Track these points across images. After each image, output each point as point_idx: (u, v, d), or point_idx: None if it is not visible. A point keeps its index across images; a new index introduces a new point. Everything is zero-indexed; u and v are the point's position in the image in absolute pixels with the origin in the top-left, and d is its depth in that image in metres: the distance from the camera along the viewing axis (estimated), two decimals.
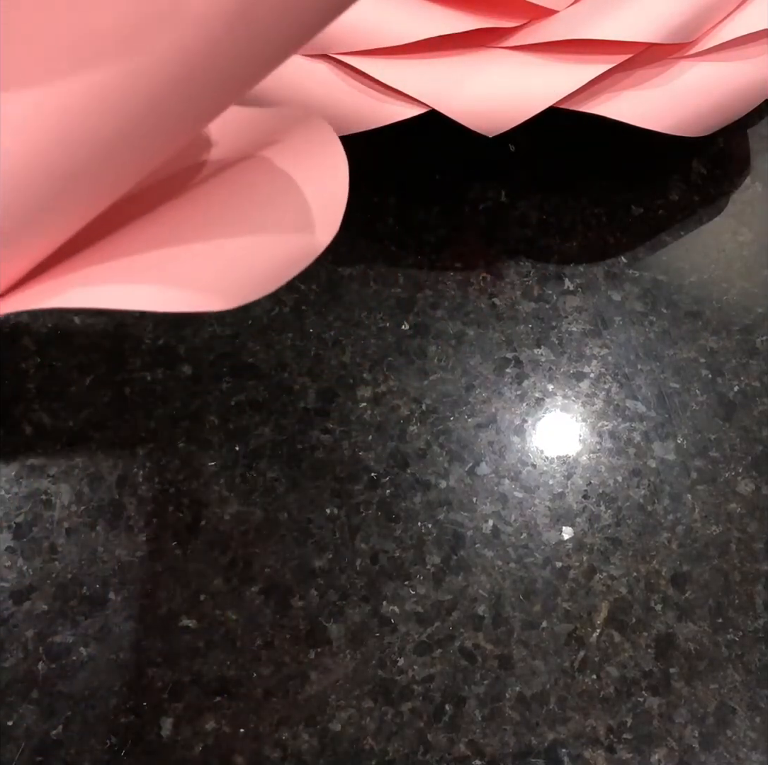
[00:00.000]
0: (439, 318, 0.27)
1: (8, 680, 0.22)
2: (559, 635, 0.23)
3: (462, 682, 0.23)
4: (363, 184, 0.29)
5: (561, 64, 0.24)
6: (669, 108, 0.25)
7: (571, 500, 0.25)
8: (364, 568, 0.24)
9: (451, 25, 0.24)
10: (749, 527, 0.24)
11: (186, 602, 0.23)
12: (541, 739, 0.22)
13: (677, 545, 0.24)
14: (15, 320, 0.27)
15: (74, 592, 0.23)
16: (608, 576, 0.24)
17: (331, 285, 0.27)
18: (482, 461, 0.25)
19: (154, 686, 0.22)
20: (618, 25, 0.24)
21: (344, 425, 0.25)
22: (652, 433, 0.26)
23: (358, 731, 0.22)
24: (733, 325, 0.27)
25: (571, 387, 0.26)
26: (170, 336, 0.27)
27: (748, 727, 0.22)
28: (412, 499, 0.25)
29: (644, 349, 0.27)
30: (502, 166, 0.29)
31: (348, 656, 0.23)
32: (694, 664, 0.23)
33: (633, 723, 0.22)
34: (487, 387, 0.26)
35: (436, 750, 0.22)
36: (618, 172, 0.29)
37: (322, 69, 0.25)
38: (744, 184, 0.29)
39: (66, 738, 0.22)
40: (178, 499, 0.24)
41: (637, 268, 0.28)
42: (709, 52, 0.25)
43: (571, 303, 0.27)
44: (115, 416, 0.25)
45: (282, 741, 0.22)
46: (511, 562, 0.24)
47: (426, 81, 0.24)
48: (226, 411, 0.26)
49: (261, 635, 0.23)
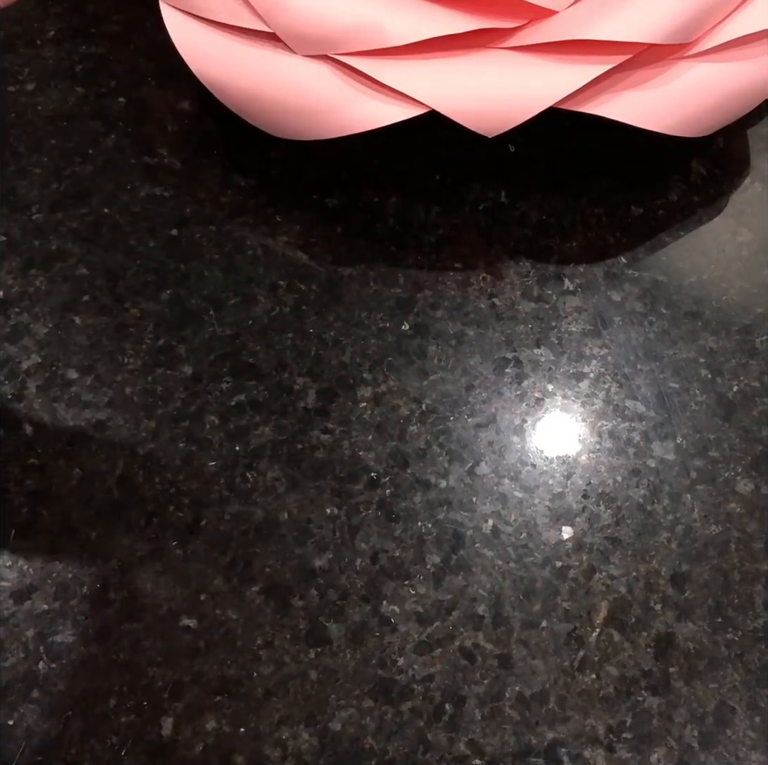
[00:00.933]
0: (439, 318, 0.27)
1: (9, 680, 0.22)
2: (558, 635, 0.23)
3: (462, 681, 0.23)
4: (363, 184, 0.29)
5: (561, 64, 0.24)
6: (669, 108, 0.25)
7: (570, 500, 0.25)
8: (364, 568, 0.24)
9: (452, 25, 0.24)
10: (748, 527, 0.24)
11: (186, 602, 0.23)
12: (540, 739, 0.22)
13: (677, 545, 0.24)
14: (15, 320, 0.27)
15: (74, 591, 0.23)
16: (608, 576, 0.24)
17: (331, 285, 0.27)
18: (482, 461, 0.25)
19: (155, 686, 0.22)
20: (618, 25, 0.24)
21: (344, 425, 0.25)
22: (651, 432, 0.26)
23: (358, 731, 0.22)
24: (733, 325, 0.27)
25: (571, 387, 0.26)
26: (170, 336, 0.27)
27: (748, 726, 0.22)
28: (412, 499, 0.25)
29: (644, 349, 0.27)
30: (502, 166, 0.29)
31: (348, 656, 0.23)
32: (694, 664, 0.23)
33: (632, 722, 0.22)
34: (487, 387, 0.26)
35: (436, 749, 0.22)
36: (618, 172, 0.29)
37: (322, 69, 0.25)
38: (744, 184, 0.29)
39: (66, 737, 0.22)
40: (178, 499, 0.24)
41: (636, 269, 0.28)
42: (709, 53, 0.25)
43: (570, 303, 0.27)
44: (115, 416, 0.25)
45: (282, 740, 0.22)
46: (511, 562, 0.24)
47: (426, 81, 0.24)
48: (226, 411, 0.26)
49: (261, 635, 0.23)
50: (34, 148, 0.29)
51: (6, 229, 0.28)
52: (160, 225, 0.28)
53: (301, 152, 0.29)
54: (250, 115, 0.27)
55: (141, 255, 0.28)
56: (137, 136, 0.30)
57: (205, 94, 0.26)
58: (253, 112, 0.26)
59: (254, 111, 0.26)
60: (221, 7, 0.25)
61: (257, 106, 0.26)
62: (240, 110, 0.27)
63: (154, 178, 0.29)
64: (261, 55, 0.25)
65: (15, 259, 0.28)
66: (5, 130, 0.30)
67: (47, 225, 0.28)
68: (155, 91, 0.30)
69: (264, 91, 0.25)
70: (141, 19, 0.32)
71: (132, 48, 0.31)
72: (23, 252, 0.28)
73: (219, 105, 0.26)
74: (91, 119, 0.30)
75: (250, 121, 0.27)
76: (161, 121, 0.30)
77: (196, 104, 0.30)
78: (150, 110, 0.30)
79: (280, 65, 0.25)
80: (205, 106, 0.30)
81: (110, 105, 0.30)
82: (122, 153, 0.29)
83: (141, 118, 0.30)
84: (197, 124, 0.30)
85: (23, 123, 0.30)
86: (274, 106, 0.26)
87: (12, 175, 0.29)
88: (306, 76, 0.25)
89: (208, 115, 0.30)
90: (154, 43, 0.31)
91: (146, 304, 0.27)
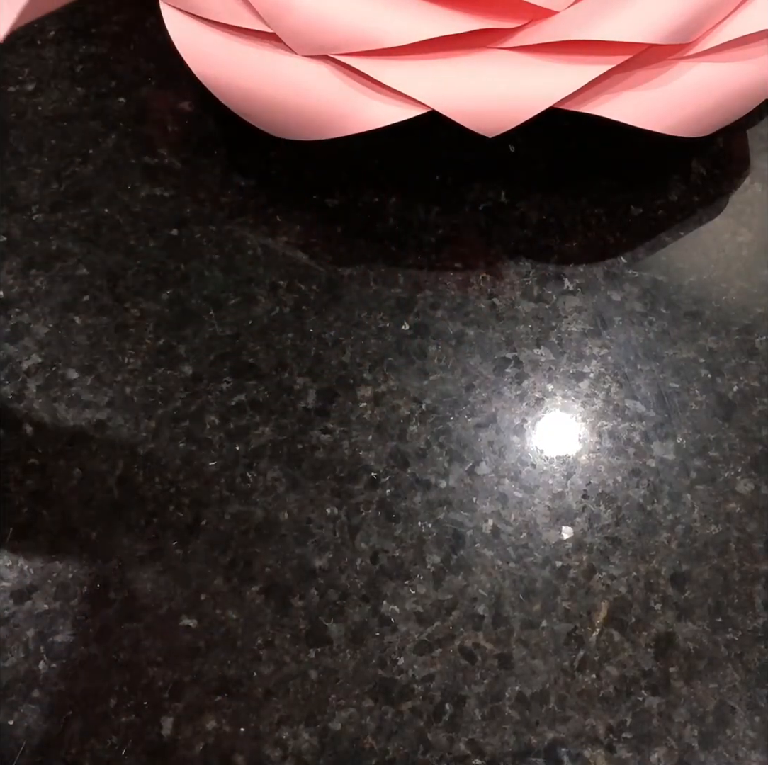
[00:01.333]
0: (439, 318, 0.27)
1: (9, 679, 0.22)
2: (558, 635, 0.23)
3: (462, 681, 0.23)
4: (363, 184, 0.29)
5: (561, 64, 0.24)
6: (669, 108, 0.25)
7: (570, 500, 0.25)
8: (364, 567, 0.24)
9: (452, 25, 0.24)
10: (748, 527, 0.24)
11: (186, 602, 0.23)
12: (540, 738, 0.22)
13: (677, 545, 0.24)
14: (15, 320, 0.27)
15: (74, 591, 0.23)
16: (608, 575, 0.24)
17: (331, 285, 0.27)
18: (482, 461, 0.25)
19: (155, 686, 0.22)
20: (618, 25, 0.24)
21: (344, 425, 0.25)
22: (651, 432, 0.26)
23: (358, 730, 0.22)
24: (733, 325, 0.27)
25: (571, 387, 0.26)
26: (170, 336, 0.27)
27: (748, 726, 0.22)
28: (412, 499, 0.25)
29: (644, 349, 0.27)
30: (502, 166, 0.29)
31: (348, 656, 0.23)
32: (694, 664, 0.23)
33: (632, 722, 0.22)
34: (486, 387, 0.26)
35: (436, 749, 0.22)
36: (618, 172, 0.29)
37: (322, 69, 0.25)
38: (743, 184, 0.29)
39: (66, 737, 0.22)
40: (178, 499, 0.24)
41: (636, 268, 0.28)
42: (709, 53, 0.25)
43: (570, 303, 0.27)
44: (115, 416, 0.25)
45: (282, 740, 0.22)
46: (511, 562, 0.24)
47: (426, 81, 0.24)
48: (226, 411, 0.26)
49: (261, 635, 0.23)
50: (34, 148, 0.29)
51: (6, 229, 0.28)
52: (160, 225, 0.28)
53: (301, 152, 0.29)
54: (250, 115, 0.27)
55: (141, 255, 0.28)
56: (137, 136, 0.30)
57: (205, 94, 0.26)
58: (253, 112, 0.26)
59: (254, 111, 0.26)
60: (221, 7, 0.25)
61: (257, 106, 0.26)
62: (240, 110, 0.27)
63: (154, 178, 0.29)
64: (261, 55, 0.25)
65: (15, 259, 0.28)
66: (5, 130, 0.30)
67: (47, 225, 0.28)
68: (155, 91, 0.30)
69: (264, 91, 0.25)
70: (141, 19, 0.32)
71: (132, 48, 0.31)
72: (23, 252, 0.28)
73: (219, 105, 0.26)
74: (91, 119, 0.30)
75: (250, 121, 0.27)
76: (161, 121, 0.30)
77: (196, 104, 0.30)
78: (150, 110, 0.30)
79: (280, 65, 0.25)
80: (205, 106, 0.30)
81: (110, 105, 0.30)
82: (122, 153, 0.29)
83: (141, 118, 0.30)
84: (197, 124, 0.30)
85: (23, 123, 0.30)
86: (274, 106, 0.26)
87: (12, 175, 0.29)
88: (306, 76, 0.25)
89: (208, 115, 0.30)
90: (154, 43, 0.31)
91: (146, 304, 0.27)
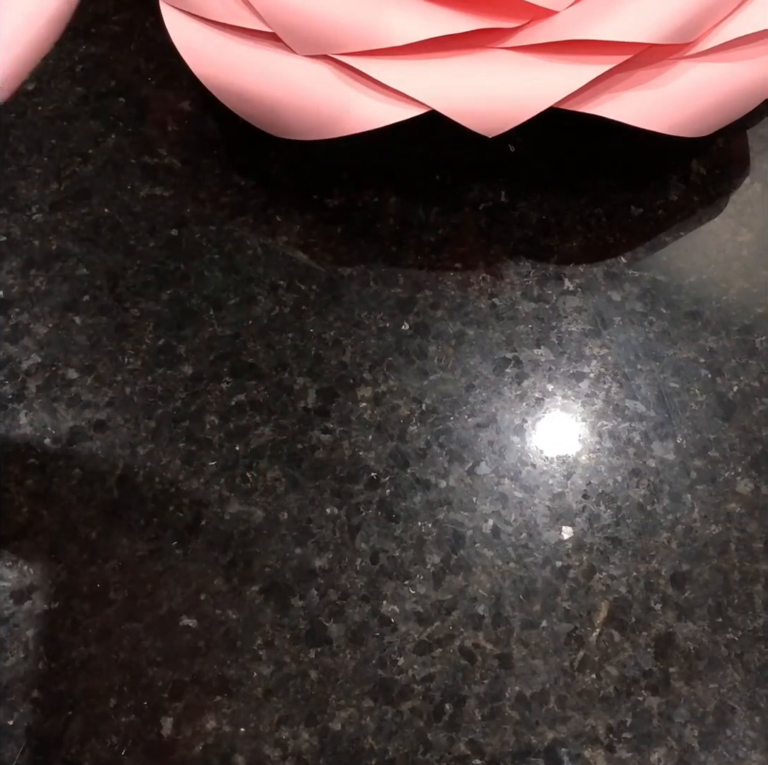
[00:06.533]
0: (439, 318, 0.27)
1: (9, 679, 0.22)
2: (558, 635, 0.23)
3: (462, 681, 0.23)
4: (363, 184, 0.29)
5: (561, 64, 0.24)
6: (669, 108, 0.25)
7: (570, 500, 0.25)
8: (364, 567, 0.24)
9: (452, 25, 0.24)
10: (748, 527, 0.24)
11: (186, 602, 0.23)
12: (540, 739, 0.22)
13: (677, 545, 0.24)
14: (15, 320, 0.27)
15: (75, 591, 0.23)
16: (608, 576, 0.24)
17: (331, 285, 0.27)
18: (482, 461, 0.25)
19: (155, 686, 0.22)
20: (618, 25, 0.24)
21: (344, 425, 0.25)
22: (651, 432, 0.26)
23: (358, 730, 0.22)
24: (733, 325, 0.27)
25: (571, 387, 0.26)
26: (170, 336, 0.27)
27: (748, 726, 0.22)
28: (412, 499, 0.25)
29: (644, 349, 0.27)
30: (502, 166, 0.29)
31: (348, 656, 0.23)
32: (694, 664, 0.23)
33: (632, 722, 0.22)
34: (487, 387, 0.26)
35: (436, 749, 0.22)
36: (618, 172, 0.29)
37: (322, 69, 0.25)
38: (743, 184, 0.29)
39: (66, 737, 0.22)
40: (178, 499, 0.24)
41: (636, 268, 0.28)
42: (709, 53, 0.25)
43: (570, 303, 0.27)
44: (115, 416, 0.25)
45: (282, 740, 0.22)
46: (511, 562, 0.24)
47: (426, 81, 0.24)
48: (226, 411, 0.26)
49: (261, 635, 0.23)
50: (34, 148, 0.29)
51: (6, 229, 0.28)
52: (160, 225, 0.28)
53: (301, 152, 0.29)
54: (250, 115, 0.27)
55: (141, 255, 0.28)
56: (137, 136, 0.30)
57: (205, 94, 0.26)
58: (253, 112, 0.26)
59: (254, 111, 0.26)
60: (221, 7, 0.25)
61: (257, 106, 0.26)
62: (240, 110, 0.27)
63: (154, 178, 0.29)
64: (261, 55, 0.25)
65: (15, 259, 0.28)
66: (5, 130, 0.30)
67: (47, 225, 0.28)
68: (155, 91, 0.30)
69: (264, 91, 0.25)
70: (141, 19, 0.32)
71: (132, 48, 0.31)
72: (23, 252, 0.28)
73: (219, 105, 0.26)
74: (91, 119, 0.30)
75: (250, 121, 0.27)
76: (161, 121, 0.30)
77: (196, 104, 0.30)
78: (150, 110, 0.30)
79: (280, 65, 0.25)
80: (205, 106, 0.30)
81: (110, 105, 0.30)
82: (122, 153, 0.29)
83: (141, 118, 0.30)
84: (197, 124, 0.30)
85: (23, 123, 0.30)
86: (274, 106, 0.26)
87: (12, 175, 0.29)
88: (306, 76, 0.25)
89: (208, 115, 0.30)
90: (154, 43, 0.31)
91: (146, 304, 0.27)
